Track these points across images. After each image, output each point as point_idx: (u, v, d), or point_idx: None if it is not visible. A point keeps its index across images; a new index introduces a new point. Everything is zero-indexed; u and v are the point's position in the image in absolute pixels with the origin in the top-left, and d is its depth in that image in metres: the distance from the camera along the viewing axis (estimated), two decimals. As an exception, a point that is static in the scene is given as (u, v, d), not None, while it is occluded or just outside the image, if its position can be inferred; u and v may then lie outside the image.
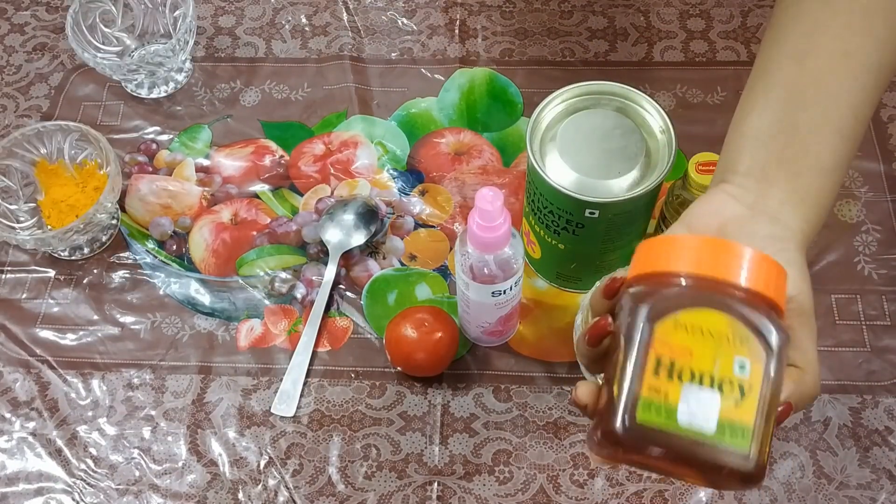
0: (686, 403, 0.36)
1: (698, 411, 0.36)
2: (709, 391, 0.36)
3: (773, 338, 0.37)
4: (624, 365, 0.37)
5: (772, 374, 0.36)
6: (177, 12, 0.83)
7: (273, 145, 0.81)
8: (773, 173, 0.43)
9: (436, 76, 0.84)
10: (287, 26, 0.88)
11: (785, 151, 0.44)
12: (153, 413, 0.67)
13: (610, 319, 0.40)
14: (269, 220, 0.77)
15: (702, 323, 0.37)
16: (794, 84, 0.45)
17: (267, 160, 0.80)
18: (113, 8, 0.83)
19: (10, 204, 0.74)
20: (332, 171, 0.79)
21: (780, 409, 0.38)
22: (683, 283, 0.38)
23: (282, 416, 0.67)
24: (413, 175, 0.78)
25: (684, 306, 0.37)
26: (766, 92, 0.46)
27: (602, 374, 0.41)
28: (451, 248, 0.74)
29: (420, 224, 0.76)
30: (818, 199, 0.44)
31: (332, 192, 0.78)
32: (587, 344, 0.40)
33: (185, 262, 0.75)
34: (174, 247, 0.76)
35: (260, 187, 0.78)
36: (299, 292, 0.72)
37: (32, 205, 0.75)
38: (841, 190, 0.75)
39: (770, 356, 0.37)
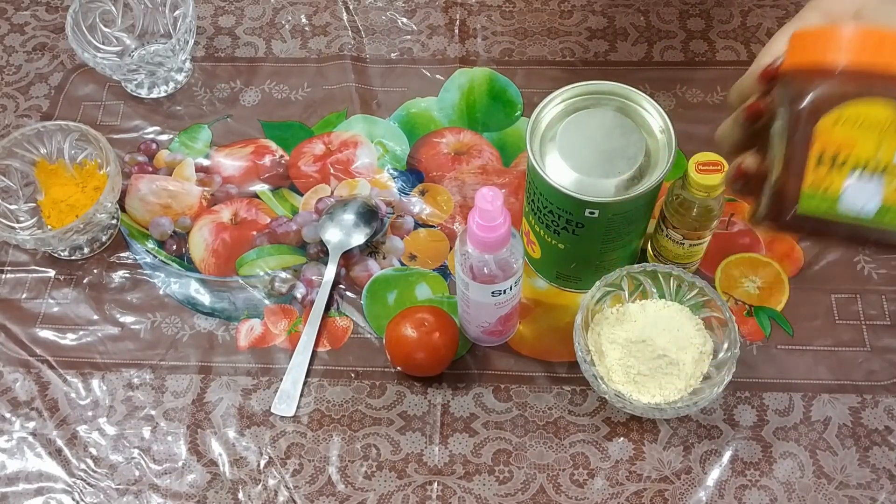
0: (848, 192, 0.39)
1: (860, 198, 0.39)
2: (871, 178, 0.39)
3: None
4: (787, 159, 0.40)
5: None
6: (177, 12, 0.83)
7: (273, 145, 0.81)
8: None
9: (436, 76, 0.84)
10: (287, 26, 0.88)
11: None
12: (153, 413, 0.67)
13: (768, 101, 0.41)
14: (269, 219, 0.77)
15: (864, 115, 0.38)
16: None
17: (267, 160, 0.80)
18: (113, 8, 0.83)
19: (10, 204, 0.74)
20: (332, 170, 0.79)
21: None
22: (843, 75, 0.39)
23: (282, 416, 0.67)
24: (413, 175, 0.78)
25: (847, 99, 0.38)
26: None
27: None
28: (451, 248, 0.74)
29: (420, 224, 0.76)
30: None
31: (332, 192, 0.78)
32: (746, 120, 0.42)
33: (185, 261, 0.75)
34: (174, 247, 0.76)
35: (260, 187, 0.78)
36: (299, 292, 0.72)
37: (32, 205, 0.75)
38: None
39: None
